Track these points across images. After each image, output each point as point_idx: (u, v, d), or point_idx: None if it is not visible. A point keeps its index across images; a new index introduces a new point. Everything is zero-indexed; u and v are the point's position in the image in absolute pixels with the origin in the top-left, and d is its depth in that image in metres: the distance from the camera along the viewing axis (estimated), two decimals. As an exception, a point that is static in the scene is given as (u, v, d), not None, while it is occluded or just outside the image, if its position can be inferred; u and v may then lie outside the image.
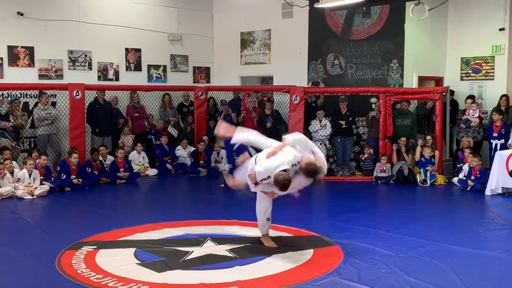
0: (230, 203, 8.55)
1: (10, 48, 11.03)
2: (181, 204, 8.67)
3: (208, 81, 13.88)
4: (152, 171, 11.02)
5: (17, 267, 5.25)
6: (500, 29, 11.08)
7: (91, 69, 12.01)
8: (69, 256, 5.45)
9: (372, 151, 10.51)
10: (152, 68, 12.99)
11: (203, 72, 13.89)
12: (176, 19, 13.23)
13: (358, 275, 4.91)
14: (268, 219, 5.92)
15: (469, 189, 9.24)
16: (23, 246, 5.92)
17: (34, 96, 10.92)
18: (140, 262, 5.30)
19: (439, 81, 11.94)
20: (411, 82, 11.29)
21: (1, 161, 8.90)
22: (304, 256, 5.48)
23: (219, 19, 13.85)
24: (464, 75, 11.74)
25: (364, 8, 11.28)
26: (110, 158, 10.52)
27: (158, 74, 13.08)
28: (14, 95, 10.58)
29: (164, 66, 13.18)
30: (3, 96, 10.36)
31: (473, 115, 10.37)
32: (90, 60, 11.97)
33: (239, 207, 8.16)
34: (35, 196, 8.67)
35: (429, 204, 8.73)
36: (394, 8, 11.04)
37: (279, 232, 6.43)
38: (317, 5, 10.39)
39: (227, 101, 12.34)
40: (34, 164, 9.01)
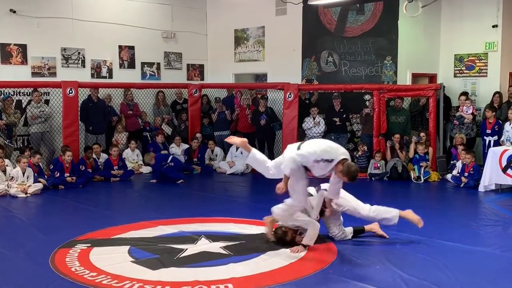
0: (225, 201, 8.54)
1: (3, 46, 10.99)
2: (175, 202, 8.64)
3: (202, 79, 13.86)
4: (146, 169, 11.00)
5: (11, 266, 5.23)
6: (493, 26, 11.11)
7: (85, 67, 11.96)
8: (63, 254, 5.43)
9: (366, 148, 10.53)
10: (146, 66, 12.95)
11: (197, 70, 13.87)
12: (170, 16, 13.20)
13: (353, 272, 4.92)
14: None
15: (463, 186, 9.28)
16: (17, 245, 5.89)
17: (27, 94, 10.87)
18: (135, 260, 5.29)
19: (433, 78, 11.97)
20: (405, 79, 11.32)
21: (-6, 159, 8.85)
22: (299, 253, 5.48)
23: (213, 16, 13.83)
24: (458, 72, 11.77)
25: (358, 5, 11.30)
26: (104, 156, 10.50)
27: (152, 72, 13.05)
28: (7, 93, 10.52)
29: (158, 64, 13.15)
30: (-4, 94, 10.33)
31: (467, 112, 10.41)
32: (84, 58, 11.92)
33: (234, 205, 8.17)
34: (29, 194, 8.64)
35: (423, 201, 8.76)
36: (388, 5, 11.06)
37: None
38: (311, 2, 10.42)
39: (221, 99, 12.32)
40: (28, 162, 8.97)
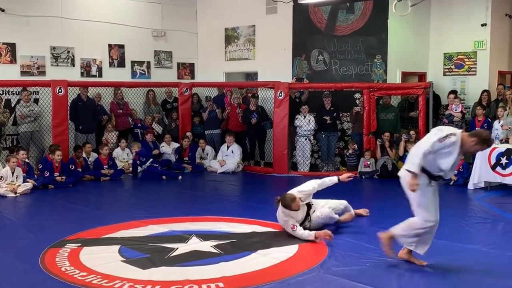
0: (216, 200, 8.54)
1: (-8, 45, 10.91)
2: (166, 201, 8.64)
3: (193, 77, 13.83)
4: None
5: (0, 266, 5.19)
6: (482, 25, 11.18)
7: (74, 66, 11.89)
8: (53, 254, 5.41)
9: (356, 147, 10.57)
10: (136, 64, 12.91)
11: (187, 68, 13.84)
12: (160, 15, 13.15)
13: (343, 270, 4.94)
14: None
15: (452, 184, 9.34)
16: (6, 245, 5.87)
17: (17, 93, 10.79)
18: (125, 259, 5.28)
19: (422, 77, 12.03)
20: (395, 78, 11.36)
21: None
22: (289, 252, 5.50)
23: (203, 15, 13.80)
24: (447, 71, 11.83)
25: (348, 4, 11.32)
26: (94, 155, 10.45)
27: (142, 70, 13.00)
28: (-4, 92, 10.45)
29: (148, 62, 13.10)
30: (-16, 93, 10.24)
31: (456, 110, 10.47)
32: (73, 57, 11.85)
33: (224, 204, 8.17)
34: (18, 194, 8.59)
35: (413, 199, 8.79)
36: (378, 4, 11.10)
37: (265, 228, 6.46)
38: (301, 1, 10.42)
39: (211, 97, 12.30)
40: (17, 162, 8.91)
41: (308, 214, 6.26)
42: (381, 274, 4.84)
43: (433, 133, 4.86)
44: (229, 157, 11.11)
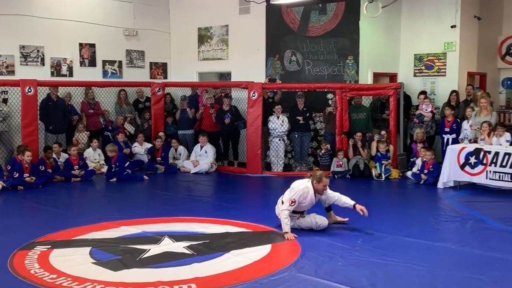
0: (189, 200, 8.50)
1: (-42, 43, 10.65)
2: (138, 202, 8.57)
3: (166, 77, 13.74)
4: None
5: (-33, 269, 5.08)
6: (452, 26, 11.38)
7: (44, 65, 11.69)
8: (22, 257, 5.32)
9: (329, 146, 10.65)
10: (107, 64, 12.76)
11: (160, 68, 13.75)
12: (132, 14, 13.03)
13: (315, 269, 4.97)
14: None
15: (422, 183, 9.49)
16: (-27, 247, 5.74)
17: (-16, 93, 10.57)
18: (96, 261, 5.22)
19: (393, 77, 12.18)
20: (366, 78, 11.48)
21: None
22: (262, 252, 5.51)
23: (176, 14, 13.73)
24: (417, 71, 12.01)
25: (320, 5, 11.39)
26: (64, 156, 10.30)
27: (114, 70, 12.86)
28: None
29: (120, 62, 12.97)
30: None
31: (426, 110, 10.63)
32: (43, 56, 11.65)
33: (198, 204, 8.14)
34: (-14, 196, 8.41)
35: (384, 198, 8.91)
36: (349, 5, 11.19)
37: (238, 228, 6.46)
38: (273, 2, 10.44)
39: (186, 97, 12.23)
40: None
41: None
42: (354, 273, 4.89)
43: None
44: (203, 158, 11.07)
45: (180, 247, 5.63)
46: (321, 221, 6.34)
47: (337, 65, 11.46)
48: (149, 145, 11.35)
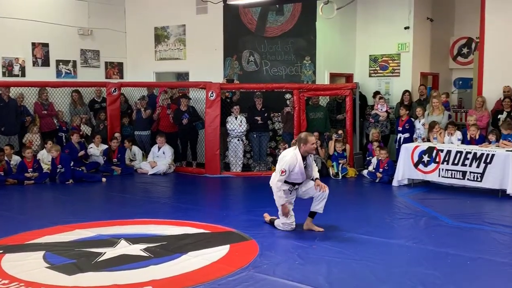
0: (146, 202, 8.40)
1: None
2: (94, 205, 8.41)
3: (122, 77, 13.54)
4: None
5: None
6: (405, 28, 11.65)
7: (-5, 65, 11.35)
8: (-29, 263, 5.15)
9: (288, 146, 10.70)
10: (61, 64, 12.47)
11: (116, 68, 13.53)
12: (86, 13, 12.77)
13: (273, 268, 5.00)
14: None
15: (378, 181, 9.68)
16: None
17: None
18: (50, 266, 5.10)
19: (349, 78, 12.38)
20: (323, 79, 11.61)
21: None
22: (220, 252, 5.50)
23: (132, 13, 13.54)
24: (373, 72, 12.24)
25: (277, 6, 11.45)
26: (16, 158, 9.99)
27: (68, 70, 12.58)
28: None
29: (74, 61, 12.70)
30: None
31: (381, 110, 10.84)
32: (-6, 55, 11.31)
33: (155, 206, 8.05)
34: None
35: (341, 196, 9.03)
36: (306, 7, 11.29)
37: (197, 229, 6.43)
38: (230, 2, 10.43)
39: (145, 96, 12.06)
40: None
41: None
42: (311, 271, 4.94)
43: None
44: (160, 158, 10.97)
45: (137, 250, 5.56)
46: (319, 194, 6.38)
47: (295, 66, 11.55)
48: (105, 147, 11.16)
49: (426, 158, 8.97)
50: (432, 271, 4.94)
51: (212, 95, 10.76)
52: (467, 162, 8.51)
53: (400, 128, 10.38)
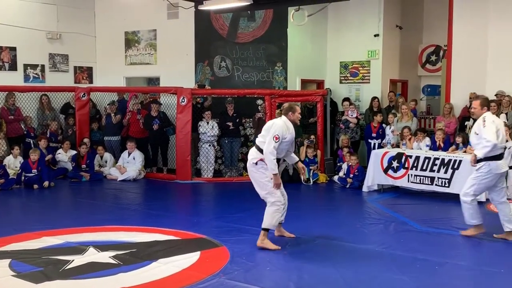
0: (116, 208, 8.29)
1: None
2: (62, 211, 8.27)
3: (91, 82, 13.35)
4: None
5: None
6: (375, 35, 11.83)
7: (-41, 68, 11.08)
8: None
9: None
10: (29, 68, 12.24)
11: (85, 72, 13.34)
12: (55, 17, 12.57)
13: (244, 275, 4.98)
14: None
15: (348, 187, 9.76)
16: None
17: None
18: (16, 274, 4.99)
19: (321, 84, 12.48)
20: (295, 85, 11.68)
21: None
22: (191, 259, 5.46)
23: (102, 18, 13.38)
24: (343, 78, 12.37)
25: (249, 12, 11.48)
26: (-19, 164, 9.77)
27: (36, 74, 12.35)
28: None
29: (42, 66, 12.47)
30: None
31: (352, 116, 10.95)
32: (-42, 58, 11.04)
33: (125, 212, 7.96)
34: None
35: (312, 202, 9.09)
36: (277, 13, 11.35)
37: (167, 236, 6.37)
38: (201, 7, 10.41)
39: (115, 101, 11.92)
40: None
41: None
42: (281, 277, 4.95)
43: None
44: (131, 164, 10.84)
45: (106, 257, 5.47)
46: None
47: (266, 72, 11.59)
48: (74, 152, 10.97)
49: (396, 164, 9.08)
50: (401, 276, 5.00)
51: (184, 101, 10.70)
52: (435, 168, 8.65)
53: (374, 134, 10.49)
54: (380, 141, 10.37)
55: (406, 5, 12.83)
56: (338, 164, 10.62)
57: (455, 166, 8.47)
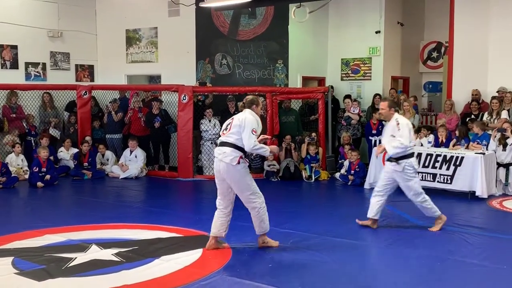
0: (118, 206, 8.30)
1: None
2: (64, 209, 8.28)
3: (92, 80, 13.36)
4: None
5: None
6: (376, 32, 11.82)
7: (-39, 67, 11.08)
8: None
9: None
10: (30, 66, 12.25)
11: (87, 70, 13.34)
12: (56, 15, 12.57)
13: (246, 272, 4.99)
14: None
15: (350, 184, 9.76)
16: None
17: None
18: (19, 272, 5.00)
19: (322, 81, 12.47)
20: (296, 82, 11.68)
21: None
22: (193, 256, 5.47)
23: (103, 15, 13.38)
24: (344, 76, 12.36)
25: (250, 9, 11.48)
26: (-17, 162, 9.78)
27: (37, 72, 12.36)
28: None
29: (44, 64, 12.47)
30: None
31: (354, 111, 10.94)
32: (-40, 57, 11.04)
33: (127, 210, 7.97)
34: None
35: (314, 199, 9.09)
36: (278, 10, 11.35)
37: (169, 233, 6.38)
38: (202, 4, 10.41)
39: (116, 99, 11.92)
40: None
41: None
42: (284, 274, 4.95)
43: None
44: (132, 162, 10.85)
45: (108, 255, 5.48)
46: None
47: (267, 69, 11.58)
48: (75, 150, 10.99)
49: (397, 161, 9.05)
50: (403, 272, 5.01)
51: (185, 98, 10.70)
52: (437, 165, 8.65)
53: (374, 131, 10.48)
54: (381, 138, 10.34)
55: (407, 2, 12.82)
56: (340, 161, 10.61)
57: (457, 163, 8.47)
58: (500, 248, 5.94)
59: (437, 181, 8.66)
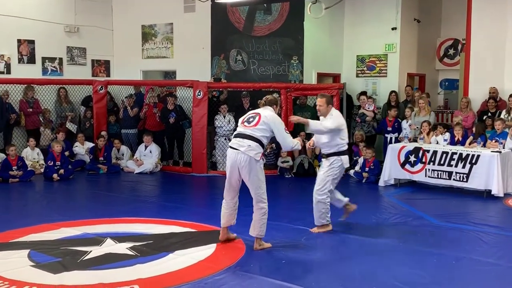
0: (132, 201, 8.36)
1: None
2: (80, 203, 8.35)
3: (108, 75, 13.44)
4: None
5: None
6: (393, 29, 11.72)
7: (-21, 61, 11.22)
8: (-45, 261, 5.08)
9: (275, 145, 10.71)
10: (47, 61, 12.36)
11: (103, 66, 13.44)
12: (73, 10, 12.67)
13: (260, 267, 5.01)
14: None
15: (365, 181, 9.71)
16: None
17: None
18: (35, 264, 5.06)
19: (337, 78, 12.42)
20: (311, 79, 11.64)
21: None
22: (207, 251, 5.49)
23: (119, 11, 13.45)
24: (360, 72, 12.29)
25: (265, 5, 11.46)
26: (1, 156, 9.89)
27: (54, 67, 12.47)
28: None
29: (60, 59, 12.58)
30: None
31: (369, 108, 10.88)
32: (-22, 52, 11.18)
33: (142, 204, 8.01)
34: None
35: (328, 196, 9.04)
36: (294, 6, 11.31)
37: (183, 228, 6.41)
38: (218, 0, 10.41)
39: (132, 95, 11.99)
40: None
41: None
42: (297, 271, 4.94)
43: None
44: (147, 157, 10.91)
45: (123, 248, 5.53)
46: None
47: (282, 65, 11.56)
48: (91, 145, 11.08)
49: (413, 158, 9.02)
50: (418, 271, 4.98)
51: (200, 94, 10.73)
52: (453, 163, 8.58)
53: (390, 128, 10.41)
54: (397, 135, 10.29)
55: (424, -2, 12.71)
56: (354, 159, 10.56)
57: (473, 161, 8.39)
58: (516, 248, 5.88)
59: (453, 179, 8.59)
